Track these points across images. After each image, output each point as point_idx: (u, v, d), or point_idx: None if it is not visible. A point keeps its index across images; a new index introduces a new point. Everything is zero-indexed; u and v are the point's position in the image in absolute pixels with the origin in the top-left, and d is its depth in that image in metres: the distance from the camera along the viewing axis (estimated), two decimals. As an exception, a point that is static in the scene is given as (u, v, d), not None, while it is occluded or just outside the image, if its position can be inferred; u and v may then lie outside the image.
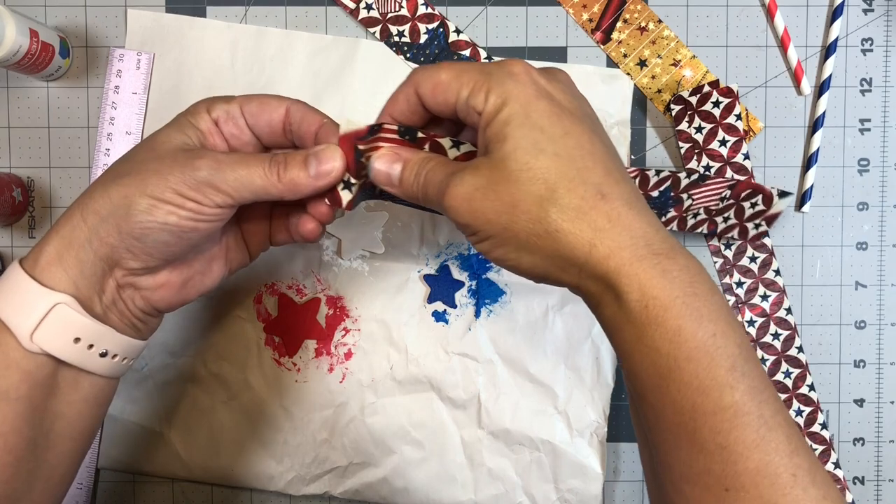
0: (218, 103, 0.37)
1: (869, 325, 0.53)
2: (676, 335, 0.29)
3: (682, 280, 0.30)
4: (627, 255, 0.30)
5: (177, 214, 0.34)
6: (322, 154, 0.36)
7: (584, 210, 0.30)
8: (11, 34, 0.44)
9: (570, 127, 0.32)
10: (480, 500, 0.52)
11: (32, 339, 0.33)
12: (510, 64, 0.33)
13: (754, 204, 0.49)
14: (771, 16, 0.52)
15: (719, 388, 0.29)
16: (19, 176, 0.52)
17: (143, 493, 0.53)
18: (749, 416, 0.28)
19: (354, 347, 0.52)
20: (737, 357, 0.29)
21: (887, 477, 0.54)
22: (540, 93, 0.32)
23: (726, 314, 0.30)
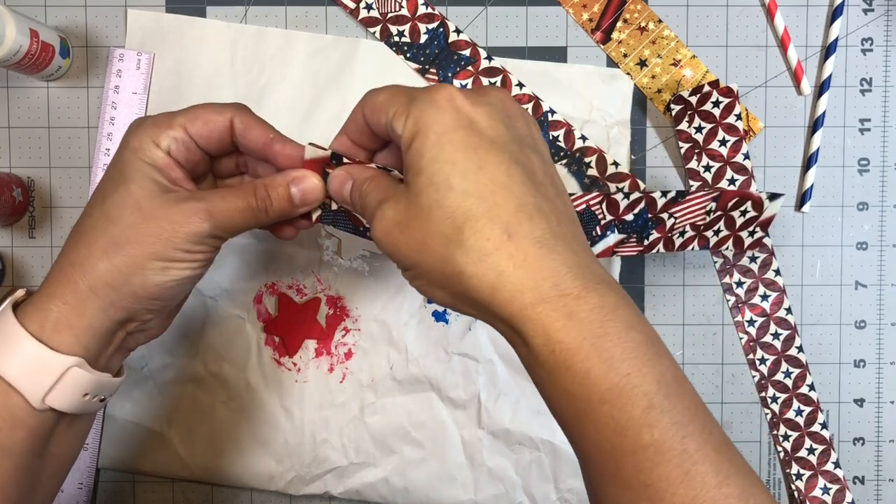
0: (163, 133, 0.36)
1: (869, 325, 0.53)
2: (586, 378, 0.28)
3: (591, 321, 0.29)
4: (530, 299, 0.29)
5: (189, 268, 0.36)
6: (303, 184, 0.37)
7: (488, 252, 0.29)
8: (11, 34, 0.44)
9: (486, 159, 0.30)
10: (480, 500, 0.52)
11: (44, 401, 0.34)
12: (435, 90, 0.32)
13: (744, 212, 0.47)
14: (771, 16, 0.52)
15: (637, 428, 0.28)
16: (19, 176, 0.52)
17: (143, 493, 0.53)
18: (671, 452, 0.28)
19: (354, 347, 0.52)
20: (654, 395, 0.28)
21: (887, 477, 0.54)
22: (459, 122, 0.31)
23: (644, 351, 0.29)
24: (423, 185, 0.31)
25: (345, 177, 0.36)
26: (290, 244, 0.52)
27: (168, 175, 0.36)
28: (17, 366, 0.34)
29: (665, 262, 0.53)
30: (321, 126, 0.51)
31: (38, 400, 0.34)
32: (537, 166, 0.32)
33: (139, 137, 0.36)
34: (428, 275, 0.31)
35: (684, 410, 0.29)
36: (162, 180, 0.36)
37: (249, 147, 0.37)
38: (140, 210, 0.35)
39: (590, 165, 0.51)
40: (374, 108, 0.34)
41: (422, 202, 0.31)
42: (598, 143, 0.51)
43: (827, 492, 0.52)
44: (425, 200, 0.31)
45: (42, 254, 0.52)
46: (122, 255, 0.34)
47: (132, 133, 0.36)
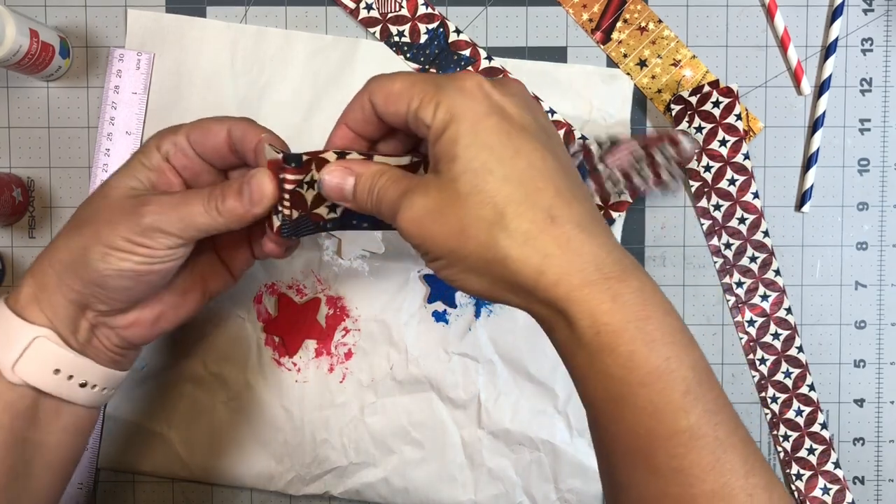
0: (166, 138, 0.37)
1: (869, 325, 0.53)
2: (629, 360, 0.29)
3: (634, 304, 0.29)
4: (577, 281, 0.29)
5: (130, 260, 0.35)
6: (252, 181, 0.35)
7: (533, 235, 0.29)
8: (11, 34, 0.44)
9: (520, 145, 0.31)
10: (480, 500, 0.52)
11: (14, 370, 0.35)
12: (462, 77, 0.32)
13: (662, 150, 0.48)
14: (771, 16, 0.52)
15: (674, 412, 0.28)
16: (19, 176, 0.52)
17: (143, 493, 0.53)
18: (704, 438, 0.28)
19: (354, 347, 0.52)
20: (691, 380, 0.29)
21: (887, 477, 0.54)
22: (491, 109, 0.31)
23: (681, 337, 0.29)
24: (459, 171, 0.30)
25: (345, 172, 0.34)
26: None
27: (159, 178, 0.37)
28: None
29: (665, 263, 0.53)
30: (321, 126, 0.51)
31: (7, 368, 0.35)
32: (562, 155, 0.32)
33: (148, 142, 0.38)
34: (465, 261, 0.31)
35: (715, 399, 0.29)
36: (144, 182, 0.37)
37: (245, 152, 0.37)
38: (106, 197, 0.36)
39: (590, 165, 0.51)
40: (390, 97, 0.33)
41: (459, 188, 0.30)
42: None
43: (827, 492, 0.52)
44: (462, 187, 0.30)
45: (42, 254, 0.52)
46: (77, 235, 0.36)
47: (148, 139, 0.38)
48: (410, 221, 0.32)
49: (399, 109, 0.33)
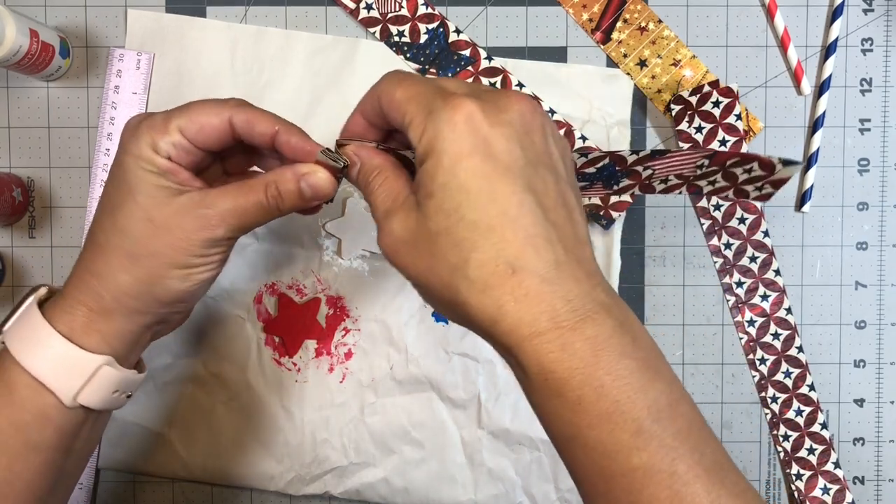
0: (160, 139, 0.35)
1: (869, 325, 0.53)
2: (577, 405, 0.29)
3: (583, 352, 0.29)
4: (526, 332, 0.29)
5: (208, 270, 0.36)
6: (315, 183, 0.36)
7: (491, 286, 0.30)
8: (11, 34, 0.44)
9: (498, 190, 0.30)
10: (480, 500, 0.52)
11: (76, 399, 0.35)
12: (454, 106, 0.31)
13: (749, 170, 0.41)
14: (771, 16, 0.52)
15: (625, 451, 0.29)
16: (19, 176, 0.52)
17: (143, 493, 0.53)
18: (660, 474, 0.28)
19: (354, 347, 0.52)
20: (644, 419, 0.29)
21: (887, 477, 0.54)
22: (475, 147, 0.30)
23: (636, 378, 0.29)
24: (433, 210, 0.31)
25: (354, 159, 0.36)
26: (290, 244, 0.52)
27: (174, 179, 0.36)
28: (49, 365, 0.35)
29: (665, 263, 0.53)
30: (321, 126, 0.51)
31: (69, 398, 0.35)
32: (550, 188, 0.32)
33: (137, 144, 0.36)
34: (433, 296, 0.32)
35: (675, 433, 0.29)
36: (168, 184, 0.36)
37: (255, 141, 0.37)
38: (151, 221, 0.35)
39: (590, 165, 0.51)
40: (391, 104, 0.33)
41: (430, 227, 0.31)
42: (598, 143, 0.51)
43: (827, 492, 0.52)
44: (434, 226, 0.31)
45: (42, 254, 0.52)
46: (140, 267, 0.35)
47: (130, 137, 0.36)
48: (387, 246, 0.33)
49: (396, 118, 0.33)
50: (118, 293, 0.35)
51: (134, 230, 0.35)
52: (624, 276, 0.53)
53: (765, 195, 0.43)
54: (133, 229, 0.35)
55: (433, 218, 0.31)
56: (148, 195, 0.35)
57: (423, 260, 0.31)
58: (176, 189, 0.36)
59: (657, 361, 0.31)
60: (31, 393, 0.35)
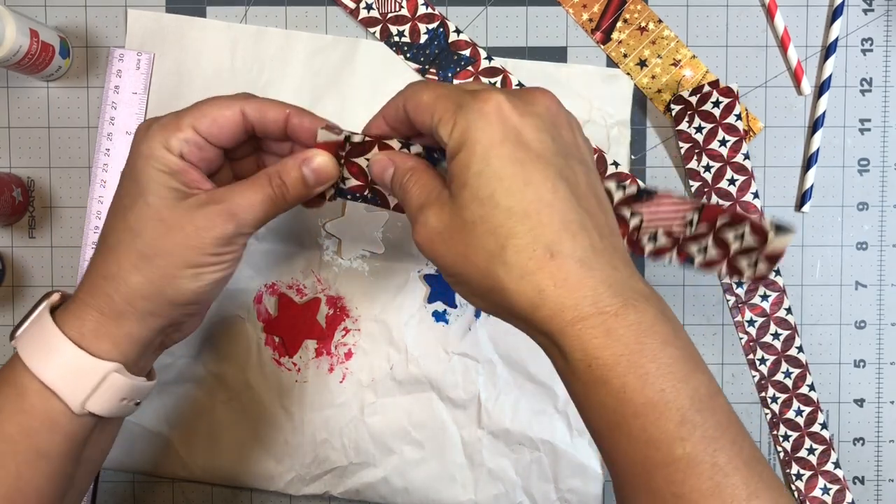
0: (172, 136, 0.36)
1: (869, 325, 0.53)
2: (622, 393, 0.29)
3: (627, 338, 0.29)
4: (570, 317, 0.29)
5: (220, 269, 0.36)
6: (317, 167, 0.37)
7: (530, 270, 0.30)
8: (11, 34, 0.44)
9: (531, 175, 0.30)
10: (480, 500, 0.52)
11: (84, 406, 0.35)
12: (484, 98, 0.31)
13: (741, 236, 0.39)
14: (771, 16, 0.52)
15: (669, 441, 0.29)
16: (19, 176, 0.52)
17: (143, 493, 0.53)
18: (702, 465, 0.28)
19: (354, 347, 0.52)
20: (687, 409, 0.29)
21: (887, 477, 0.54)
22: (506, 135, 0.31)
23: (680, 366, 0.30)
24: (467, 199, 0.31)
25: (387, 163, 0.36)
26: (290, 244, 0.52)
27: (184, 179, 0.36)
28: (58, 371, 0.34)
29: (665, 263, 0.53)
30: (321, 126, 0.51)
31: (78, 405, 0.35)
32: (581, 178, 0.32)
33: (149, 144, 0.36)
34: (469, 285, 0.32)
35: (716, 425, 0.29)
36: (179, 186, 0.36)
37: (269, 130, 0.37)
38: (163, 221, 0.35)
39: (590, 165, 0.51)
40: (418, 107, 0.33)
41: (466, 216, 0.31)
42: (598, 143, 0.51)
43: (827, 492, 0.52)
44: (469, 215, 0.31)
45: (42, 254, 0.52)
46: (152, 267, 0.35)
47: (141, 139, 0.36)
48: (423, 238, 0.33)
49: (425, 120, 0.33)
50: (129, 295, 0.35)
51: (144, 230, 0.35)
52: (624, 276, 0.52)
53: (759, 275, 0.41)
54: (143, 229, 0.35)
55: (468, 207, 0.31)
56: (158, 196, 0.35)
57: (459, 249, 0.31)
58: (184, 191, 0.36)
59: (696, 352, 0.31)
60: (40, 399, 0.34)
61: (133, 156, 0.36)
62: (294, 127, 0.37)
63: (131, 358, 0.36)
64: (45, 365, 0.34)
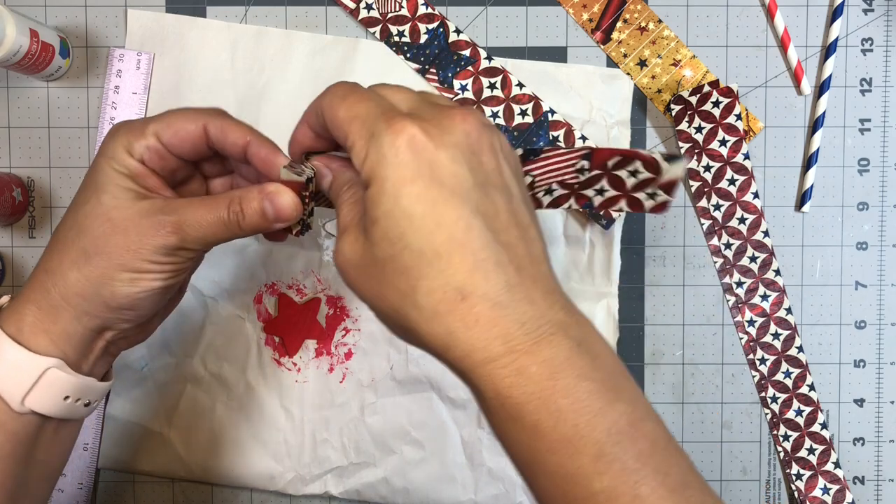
0: (135, 141, 0.35)
1: (869, 325, 0.53)
2: (535, 431, 0.29)
3: (539, 375, 0.29)
4: (479, 358, 0.29)
5: (159, 279, 0.35)
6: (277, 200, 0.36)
7: (440, 313, 0.29)
8: (11, 34, 0.44)
9: (443, 215, 0.29)
10: (480, 500, 0.52)
11: (24, 403, 0.34)
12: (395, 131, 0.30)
13: (634, 172, 0.40)
14: (771, 16, 0.52)
15: (586, 476, 0.28)
16: (19, 176, 0.52)
17: (143, 493, 0.53)
18: (622, 497, 0.28)
19: (355, 347, 0.52)
20: (604, 443, 0.28)
21: (887, 477, 0.54)
22: (419, 171, 0.29)
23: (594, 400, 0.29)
24: (378, 237, 0.30)
25: (324, 170, 0.36)
26: (290, 244, 0.52)
27: (143, 183, 0.36)
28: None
29: (665, 263, 0.53)
30: (321, 126, 0.51)
31: (17, 402, 0.34)
32: (501, 208, 0.31)
33: (112, 145, 0.36)
34: (385, 320, 0.32)
35: (637, 455, 0.29)
36: (136, 188, 0.35)
37: (228, 151, 0.37)
38: (110, 221, 0.35)
39: (590, 165, 0.51)
40: (334, 121, 0.32)
41: (377, 254, 0.30)
42: (597, 144, 0.51)
43: (827, 492, 0.52)
44: (380, 253, 0.30)
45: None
46: (91, 265, 0.34)
47: (108, 140, 0.36)
48: (339, 265, 0.32)
49: (339, 137, 0.32)
50: (66, 290, 0.35)
51: (91, 227, 0.35)
52: (624, 276, 0.53)
53: (660, 204, 0.42)
54: (90, 227, 0.35)
55: (379, 245, 0.30)
56: (112, 195, 0.35)
57: (372, 284, 0.31)
58: (141, 193, 0.35)
59: (618, 380, 0.30)
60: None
61: (97, 155, 0.36)
62: (252, 156, 0.36)
63: (71, 356, 0.35)
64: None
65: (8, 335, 0.34)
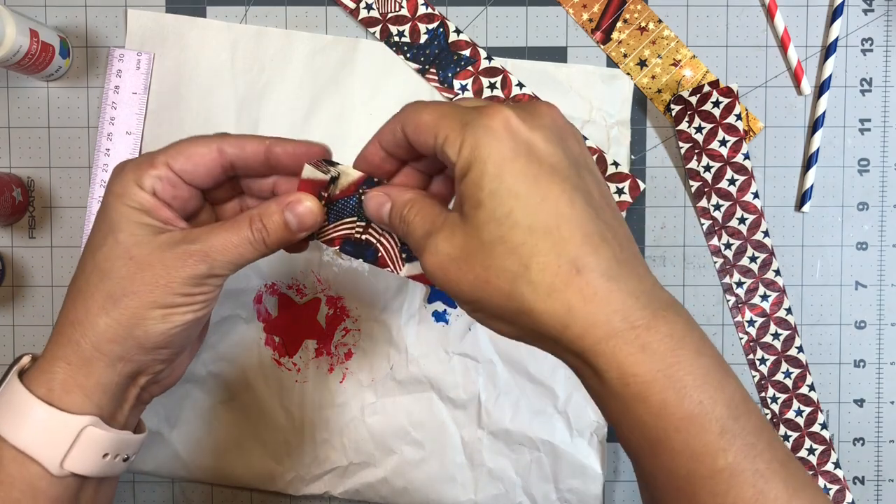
0: (145, 174, 0.35)
1: (869, 325, 0.53)
2: (661, 409, 0.29)
3: (662, 352, 0.29)
4: (602, 334, 0.29)
5: (190, 311, 0.35)
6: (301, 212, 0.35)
7: (557, 288, 0.29)
8: (11, 34, 0.44)
9: (547, 190, 0.29)
10: (480, 500, 0.52)
11: (63, 466, 0.33)
12: (490, 114, 0.30)
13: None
14: (771, 16, 0.52)
15: (712, 453, 0.28)
16: (19, 176, 0.52)
17: (143, 493, 0.53)
18: (744, 473, 0.28)
19: (354, 347, 0.52)
20: (726, 419, 0.29)
21: (887, 477, 0.54)
22: (517, 150, 0.30)
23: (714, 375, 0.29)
24: (483, 219, 0.30)
25: (382, 198, 0.35)
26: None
27: (157, 216, 0.35)
28: (30, 433, 0.33)
29: (665, 263, 0.53)
30: (321, 126, 0.51)
31: (55, 466, 0.33)
32: (594, 189, 0.31)
33: (121, 182, 0.35)
34: (490, 309, 0.31)
35: (753, 430, 0.29)
36: (151, 222, 0.34)
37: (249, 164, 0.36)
38: (132, 259, 0.34)
39: (590, 165, 0.51)
40: (419, 127, 0.32)
41: (483, 237, 0.30)
42: (598, 143, 0.51)
43: (827, 492, 0.52)
44: (487, 236, 0.30)
45: (42, 254, 0.52)
46: (120, 308, 0.33)
47: (115, 178, 0.35)
48: (435, 267, 0.31)
49: (427, 141, 0.32)
50: (97, 339, 0.34)
51: (113, 269, 0.34)
52: (624, 276, 0.52)
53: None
54: (112, 269, 0.34)
55: (485, 228, 0.30)
56: (129, 233, 0.34)
57: (477, 273, 0.30)
58: (158, 227, 0.35)
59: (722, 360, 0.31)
60: (17, 467, 0.33)
61: (106, 195, 0.35)
62: (277, 156, 0.36)
63: (107, 409, 0.34)
64: (16, 429, 0.33)
65: (38, 397, 0.33)
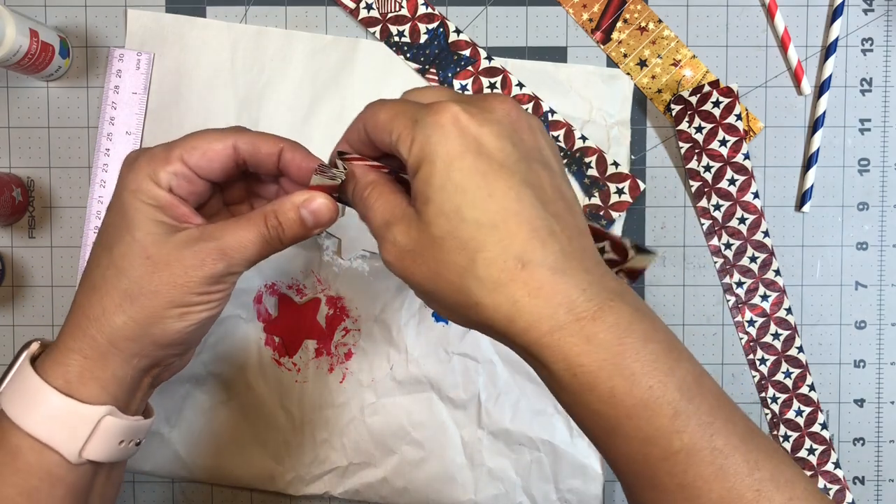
0: (160, 169, 0.34)
1: (869, 325, 0.53)
2: (611, 397, 0.29)
3: (608, 341, 0.29)
4: (546, 328, 0.29)
5: (206, 309, 0.35)
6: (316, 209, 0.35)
7: (503, 282, 0.29)
8: (11, 34, 0.44)
9: (495, 185, 0.30)
10: (480, 500, 0.52)
11: (81, 455, 0.34)
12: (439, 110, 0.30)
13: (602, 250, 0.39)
14: (771, 16, 0.52)
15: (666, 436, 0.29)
16: (19, 176, 0.52)
17: (143, 493, 0.53)
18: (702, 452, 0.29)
19: (354, 347, 0.52)
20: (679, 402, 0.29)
21: (887, 477, 0.54)
22: (466, 146, 0.30)
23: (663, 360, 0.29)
24: (433, 214, 0.30)
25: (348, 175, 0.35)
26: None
27: (173, 213, 0.35)
28: (48, 423, 0.33)
29: (665, 262, 0.53)
30: (321, 126, 0.51)
31: (74, 454, 0.34)
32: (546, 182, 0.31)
33: (136, 176, 0.34)
34: (443, 302, 0.31)
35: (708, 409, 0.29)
36: (167, 220, 0.34)
37: (261, 163, 0.36)
38: (149, 259, 0.34)
39: (590, 166, 0.51)
40: (376, 126, 0.33)
41: (433, 232, 0.30)
42: (598, 144, 0.51)
43: (827, 492, 0.52)
44: (437, 231, 0.30)
45: (42, 254, 0.52)
46: (137, 307, 0.34)
47: (128, 171, 0.35)
48: (392, 257, 0.32)
49: (385, 139, 0.32)
50: (113, 335, 0.34)
51: (131, 268, 0.34)
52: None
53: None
54: (129, 267, 0.34)
55: (435, 223, 0.30)
56: (146, 231, 0.34)
57: (429, 267, 0.31)
58: (174, 225, 0.35)
59: (676, 341, 0.31)
60: (35, 455, 0.33)
61: (119, 188, 0.35)
62: (286, 162, 0.36)
63: (122, 399, 0.35)
64: (34, 419, 0.33)
65: (55, 388, 0.34)
